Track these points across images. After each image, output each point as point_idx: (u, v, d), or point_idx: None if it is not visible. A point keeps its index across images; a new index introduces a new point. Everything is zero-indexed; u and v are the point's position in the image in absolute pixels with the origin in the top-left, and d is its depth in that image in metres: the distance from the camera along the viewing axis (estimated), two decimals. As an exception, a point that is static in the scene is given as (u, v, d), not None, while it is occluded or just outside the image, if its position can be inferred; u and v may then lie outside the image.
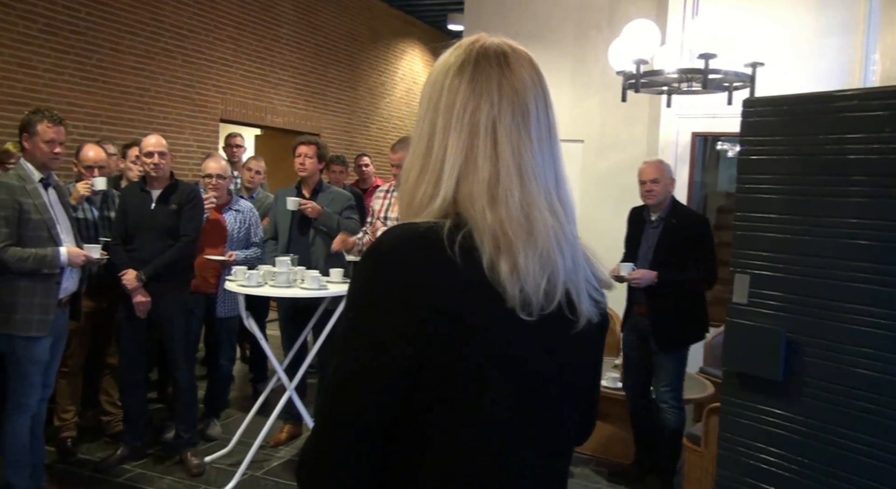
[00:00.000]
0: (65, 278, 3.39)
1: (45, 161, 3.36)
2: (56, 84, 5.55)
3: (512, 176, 0.95)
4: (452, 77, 1.00)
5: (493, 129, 0.97)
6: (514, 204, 0.95)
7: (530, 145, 0.98)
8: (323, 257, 4.30)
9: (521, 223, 0.94)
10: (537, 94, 1.01)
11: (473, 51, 1.01)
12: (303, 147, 4.38)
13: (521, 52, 1.03)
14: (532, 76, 1.01)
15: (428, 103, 1.01)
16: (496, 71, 0.99)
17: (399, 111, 10.40)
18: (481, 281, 0.91)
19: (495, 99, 0.98)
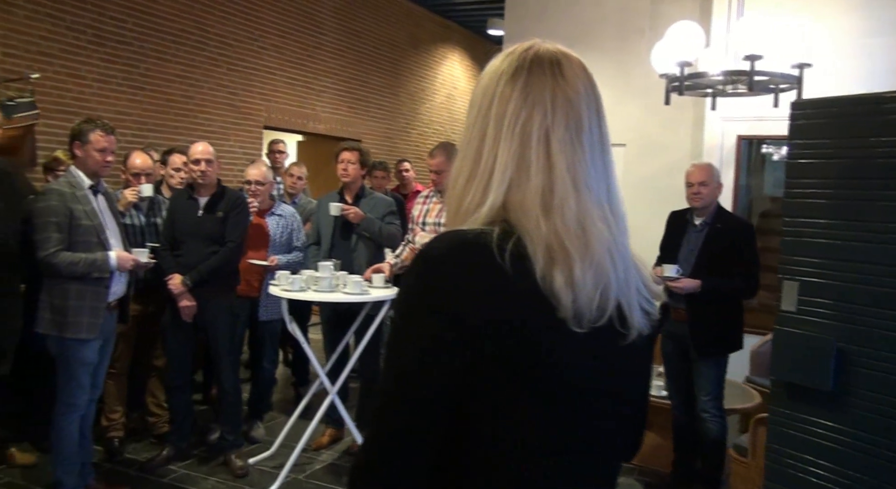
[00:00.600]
0: (114, 282, 3.47)
1: (97, 169, 3.45)
2: (104, 93, 5.69)
3: (567, 186, 0.94)
4: (504, 85, 0.99)
5: (545, 139, 0.96)
6: (570, 214, 0.93)
7: (583, 155, 0.96)
8: (365, 262, 4.32)
9: (578, 234, 0.93)
10: (590, 103, 0.99)
11: (527, 58, 1.00)
12: (346, 153, 4.42)
13: (575, 60, 1.01)
14: (586, 85, 1.00)
15: (478, 110, 1.00)
16: (549, 80, 0.98)
17: (439, 116, 10.43)
18: (533, 290, 0.90)
19: (548, 109, 0.96)
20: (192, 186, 4.12)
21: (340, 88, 8.40)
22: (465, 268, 0.91)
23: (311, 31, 7.88)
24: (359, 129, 8.67)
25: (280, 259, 4.49)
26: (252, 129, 7.15)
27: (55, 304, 3.34)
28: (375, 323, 4.11)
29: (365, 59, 8.79)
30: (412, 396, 0.91)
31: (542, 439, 0.93)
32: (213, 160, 4.06)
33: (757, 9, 4.78)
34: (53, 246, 3.29)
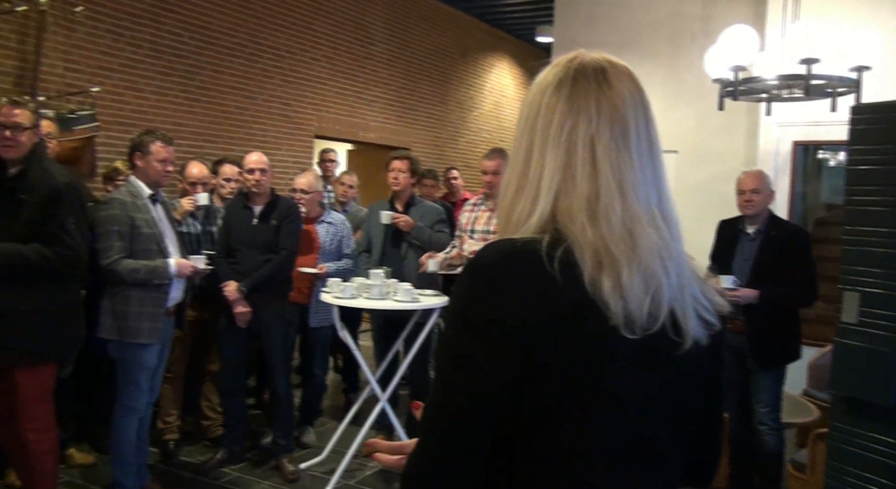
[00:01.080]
0: (173, 289, 3.56)
1: (157, 179, 3.55)
2: (161, 105, 5.85)
3: (612, 192, 0.94)
4: (550, 95, 1.00)
5: (591, 145, 0.96)
6: (616, 219, 0.93)
7: (630, 161, 0.96)
8: (415, 270, 4.34)
9: (624, 238, 0.92)
10: (637, 109, 0.99)
11: (571, 68, 1.01)
12: (396, 162, 4.45)
13: (621, 67, 1.01)
14: (632, 91, 1.00)
15: (525, 122, 1.01)
16: (594, 87, 0.98)
17: (488, 124, 10.44)
18: (582, 297, 0.90)
19: (593, 115, 0.97)
20: (246, 195, 4.20)
21: (390, 97, 8.48)
22: (514, 277, 0.91)
23: (362, 42, 7.98)
24: (408, 138, 8.74)
25: (330, 266, 4.54)
26: (303, 139, 7.27)
27: (117, 310, 3.45)
28: (425, 331, 4.12)
29: (414, 68, 8.86)
30: (461, 404, 0.91)
31: (593, 448, 0.92)
32: (267, 170, 4.14)
33: (813, 11, 4.68)
34: (116, 254, 3.39)
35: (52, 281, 3.09)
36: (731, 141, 5.85)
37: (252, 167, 4.11)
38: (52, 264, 3.03)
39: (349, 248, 4.75)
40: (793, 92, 3.79)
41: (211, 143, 6.23)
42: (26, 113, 3.05)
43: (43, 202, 3.03)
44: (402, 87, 8.66)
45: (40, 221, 3.03)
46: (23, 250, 2.98)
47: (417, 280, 4.27)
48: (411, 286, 4.02)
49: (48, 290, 3.08)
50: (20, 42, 4.85)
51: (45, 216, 3.03)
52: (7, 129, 3.00)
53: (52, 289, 3.10)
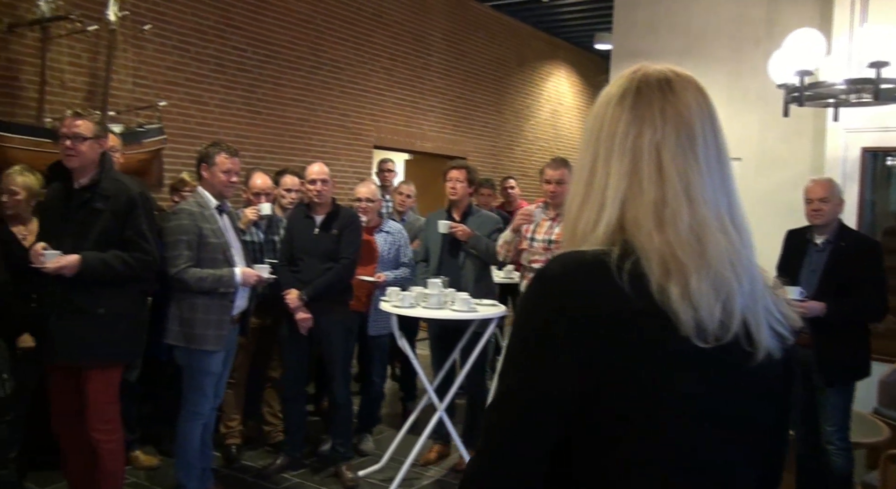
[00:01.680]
0: (238, 297, 3.66)
1: (222, 189, 3.66)
2: (225, 118, 6.02)
3: (680, 197, 0.93)
4: (614, 106, 1.00)
5: (656, 152, 0.96)
6: (683, 225, 0.92)
7: (697, 168, 0.95)
8: (473, 279, 4.37)
9: (692, 244, 0.91)
10: (703, 116, 0.98)
11: (635, 79, 1.01)
12: (454, 172, 4.48)
13: (686, 76, 1.01)
14: (698, 99, 0.99)
15: (590, 134, 1.02)
16: (658, 96, 0.98)
17: (544, 133, 10.41)
18: (652, 308, 0.89)
19: (658, 123, 0.97)
20: (308, 205, 4.29)
21: (447, 107, 8.54)
22: (582, 288, 0.91)
23: (419, 53, 8.07)
24: (464, 147, 8.78)
25: (388, 275, 4.59)
26: (362, 149, 7.38)
27: (184, 317, 3.55)
28: (482, 341, 4.13)
29: (471, 77, 8.90)
30: (524, 413, 0.91)
31: (659, 461, 0.90)
32: (329, 180, 4.22)
33: (881, 13, 4.54)
34: (184, 262, 3.50)
35: (125, 285, 3.22)
36: (796, 147, 5.71)
37: (314, 178, 4.19)
38: (133, 270, 3.19)
39: (407, 257, 4.79)
40: (861, 96, 3.69)
41: (272, 155, 6.38)
42: (87, 124, 3.18)
43: (119, 211, 3.18)
44: (458, 96, 8.71)
45: (117, 230, 3.17)
46: (105, 258, 3.13)
47: (475, 290, 4.28)
48: (469, 296, 4.03)
49: (121, 295, 3.23)
50: (91, 60, 5.08)
51: (121, 224, 3.18)
52: (68, 138, 3.13)
53: (124, 293, 3.24)
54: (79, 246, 3.11)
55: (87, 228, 3.14)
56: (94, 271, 3.09)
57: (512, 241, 4.12)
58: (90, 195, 3.16)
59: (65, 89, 4.80)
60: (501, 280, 5.44)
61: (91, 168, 3.19)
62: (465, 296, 4.00)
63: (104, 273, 3.11)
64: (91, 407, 3.19)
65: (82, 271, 3.06)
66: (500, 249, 4.19)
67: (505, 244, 4.15)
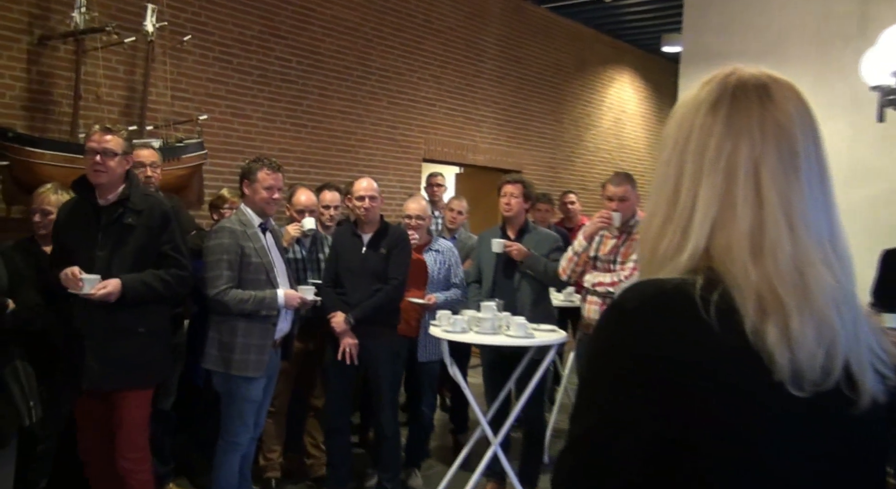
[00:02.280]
0: (281, 320, 3.69)
1: (264, 206, 3.71)
2: (269, 131, 6.14)
3: (780, 225, 0.89)
4: (704, 115, 0.96)
5: (754, 171, 0.92)
6: (784, 257, 0.88)
7: (800, 189, 0.91)
8: (529, 302, 4.33)
9: (794, 280, 0.88)
10: (805, 128, 0.95)
11: (728, 85, 0.97)
12: (509, 186, 4.45)
13: (785, 83, 0.98)
14: (799, 109, 0.96)
15: (674, 145, 0.98)
16: (756, 106, 0.94)
17: (606, 143, 10.33)
18: (743, 348, 0.85)
19: (757, 137, 0.92)
20: (355, 222, 4.32)
21: (500, 117, 8.55)
22: (664, 323, 0.88)
23: (471, 60, 8.11)
24: (520, 160, 8.77)
25: (438, 297, 4.59)
26: (411, 163, 7.43)
27: (223, 341, 3.60)
28: (541, 370, 4.08)
29: (526, 85, 8.91)
30: (601, 460, 0.89)
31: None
32: (377, 196, 4.25)
33: None
34: (224, 283, 3.55)
35: (162, 302, 3.29)
36: (893, 156, 5.53)
37: (362, 194, 4.22)
38: (171, 288, 3.29)
39: (458, 278, 4.78)
40: (965, 100, 3.56)
41: (318, 169, 6.47)
42: (117, 139, 3.27)
43: (154, 226, 3.26)
44: (513, 105, 8.72)
45: (154, 246, 3.25)
46: (145, 279, 3.22)
47: (532, 313, 4.23)
48: (525, 320, 3.99)
49: (159, 313, 3.32)
50: (129, 72, 5.23)
51: (157, 240, 3.27)
52: (98, 153, 3.22)
53: (161, 311, 3.33)
54: (114, 265, 3.19)
55: (121, 246, 3.23)
56: (136, 294, 3.18)
57: (581, 253, 4.08)
58: (121, 210, 3.24)
59: (100, 103, 4.94)
60: (561, 303, 5.38)
61: (118, 183, 3.28)
62: (522, 320, 3.96)
63: (144, 294, 3.21)
64: (123, 432, 3.25)
65: (123, 295, 3.14)
66: (565, 267, 4.15)
67: (571, 258, 4.11)
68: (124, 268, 3.20)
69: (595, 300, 4.05)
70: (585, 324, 4.13)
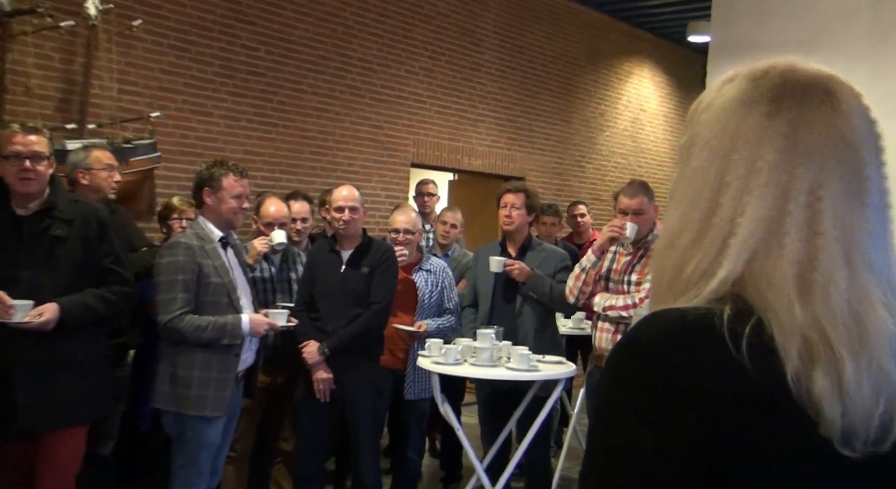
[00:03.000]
0: (244, 350, 3.64)
1: (231, 218, 3.67)
2: (233, 131, 6.10)
3: (836, 260, 0.87)
4: (757, 119, 0.92)
5: (812, 195, 0.89)
6: (839, 297, 0.86)
7: (863, 216, 0.89)
8: (533, 330, 4.31)
9: (848, 324, 0.85)
10: (871, 147, 0.92)
11: (785, 84, 0.93)
12: (510, 195, 4.46)
13: (847, 87, 0.95)
14: (866, 122, 0.93)
15: (713, 151, 0.94)
16: (821, 116, 0.91)
17: (622, 146, 10.32)
18: (782, 395, 0.83)
19: (820, 155, 0.89)
20: (334, 237, 4.29)
21: (500, 116, 8.54)
22: (686, 355, 0.86)
23: (467, 50, 8.11)
24: (523, 165, 8.75)
25: (429, 324, 4.55)
26: (397, 168, 7.40)
27: (177, 375, 3.52)
28: (546, 407, 4.07)
29: (531, 79, 8.90)
30: None
31: None
32: (359, 207, 4.22)
33: None
34: (179, 308, 3.48)
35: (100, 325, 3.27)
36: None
37: (341, 204, 4.19)
38: (115, 308, 3.27)
39: (452, 302, 4.75)
40: None
41: (289, 175, 6.43)
42: (43, 139, 3.23)
43: (90, 237, 3.22)
44: (515, 102, 8.71)
45: (91, 261, 3.20)
46: (86, 301, 3.18)
47: (536, 343, 4.22)
48: (528, 350, 3.98)
49: (94, 338, 3.28)
50: (66, 61, 5.16)
51: (96, 253, 3.22)
52: (25, 158, 3.16)
53: (96, 336, 3.29)
54: (44, 286, 3.13)
55: (51, 262, 3.18)
56: (77, 319, 3.14)
57: (590, 269, 4.06)
58: (48, 221, 3.20)
59: (30, 97, 4.87)
60: (569, 331, 5.37)
61: (43, 190, 3.24)
62: (524, 350, 3.96)
63: (86, 318, 3.16)
64: (48, 478, 3.18)
65: (62, 321, 3.10)
66: (572, 287, 4.14)
67: (579, 275, 4.08)
68: (57, 288, 3.14)
69: (607, 327, 4.05)
70: (597, 356, 4.13)
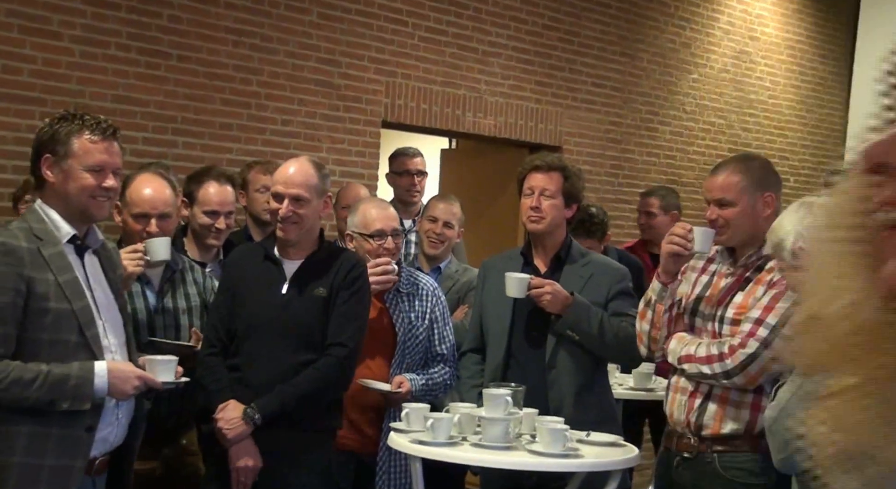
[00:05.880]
0: (104, 420, 3.58)
1: (85, 204, 3.60)
2: (96, 64, 6.04)
3: None
4: None
5: None
6: None
7: None
8: (572, 391, 4.36)
9: None
10: None
11: None
12: (538, 176, 4.49)
13: None
14: None
15: None
16: None
17: (716, 98, 10.29)
18: None
19: None
20: (273, 238, 4.32)
21: (525, 47, 8.52)
22: None
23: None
24: (557, 127, 8.72)
25: (413, 381, 4.58)
26: (363, 129, 7.36)
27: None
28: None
29: (572, -7, 8.90)
30: None
31: None
32: (313, 197, 4.21)
33: None
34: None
35: None
36: None
37: (280, 191, 4.21)
38: None
39: (446, 344, 4.80)
40: None
41: (186, 138, 6.39)
42: None
43: None
44: (547, 27, 8.70)
45: None
46: None
47: (576, 410, 4.27)
48: (565, 423, 4.01)
49: None
50: None
51: None
52: None
53: None
54: None
55: None
56: None
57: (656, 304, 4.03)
58: None
59: None
60: (628, 393, 5.45)
61: None
62: (558, 422, 3.99)
63: None
64: None
65: None
66: (640, 332, 4.11)
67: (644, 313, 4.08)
68: None
69: (682, 385, 4.01)
70: (669, 432, 4.07)
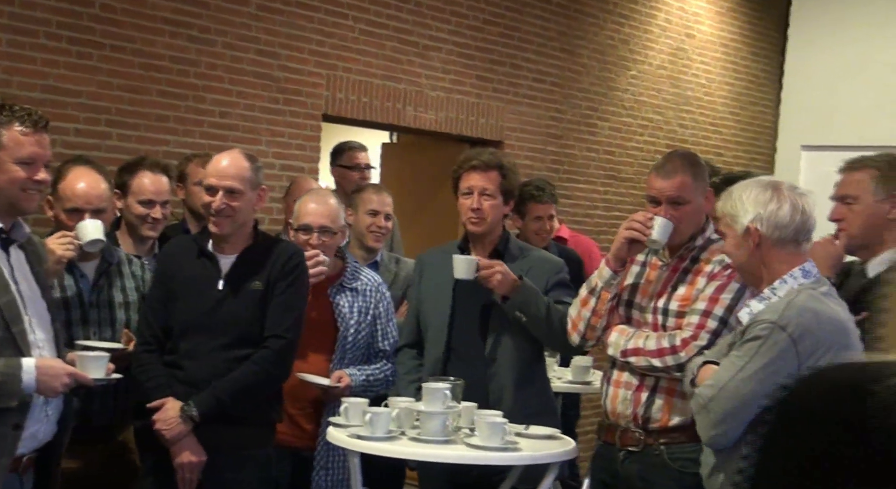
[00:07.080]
0: (32, 418, 3.54)
1: (15, 196, 3.56)
2: (22, 52, 5.94)
3: None
4: None
5: None
6: None
7: None
8: (512, 382, 4.37)
9: None
10: None
11: None
12: (476, 176, 4.50)
13: None
14: None
15: None
16: None
17: (653, 95, 10.35)
18: None
19: None
20: (206, 233, 4.31)
21: (466, 42, 8.53)
22: None
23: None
24: (498, 122, 8.75)
25: (354, 376, 4.59)
26: (302, 123, 7.33)
27: None
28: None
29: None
30: None
31: None
32: (246, 188, 4.21)
33: None
34: None
35: None
36: None
37: (213, 183, 4.20)
38: None
39: (388, 340, 4.83)
40: None
41: (122, 130, 6.32)
42: None
43: None
44: (489, 22, 8.69)
45: None
46: None
47: (516, 402, 4.30)
48: (503, 415, 4.01)
49: None
50: None
51: None
52: None
53: None
54: None
55: None
56: None
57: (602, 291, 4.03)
58: None
59: None
60: (565, 386, 5.54)
61: None
62: (497, 416, 3.99)
63: None
64: None
65: None
66: (576, 318, 4.12)
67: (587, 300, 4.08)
68: None
69: (625, 379, 4.01)
70: (608, 425, 4.09)
